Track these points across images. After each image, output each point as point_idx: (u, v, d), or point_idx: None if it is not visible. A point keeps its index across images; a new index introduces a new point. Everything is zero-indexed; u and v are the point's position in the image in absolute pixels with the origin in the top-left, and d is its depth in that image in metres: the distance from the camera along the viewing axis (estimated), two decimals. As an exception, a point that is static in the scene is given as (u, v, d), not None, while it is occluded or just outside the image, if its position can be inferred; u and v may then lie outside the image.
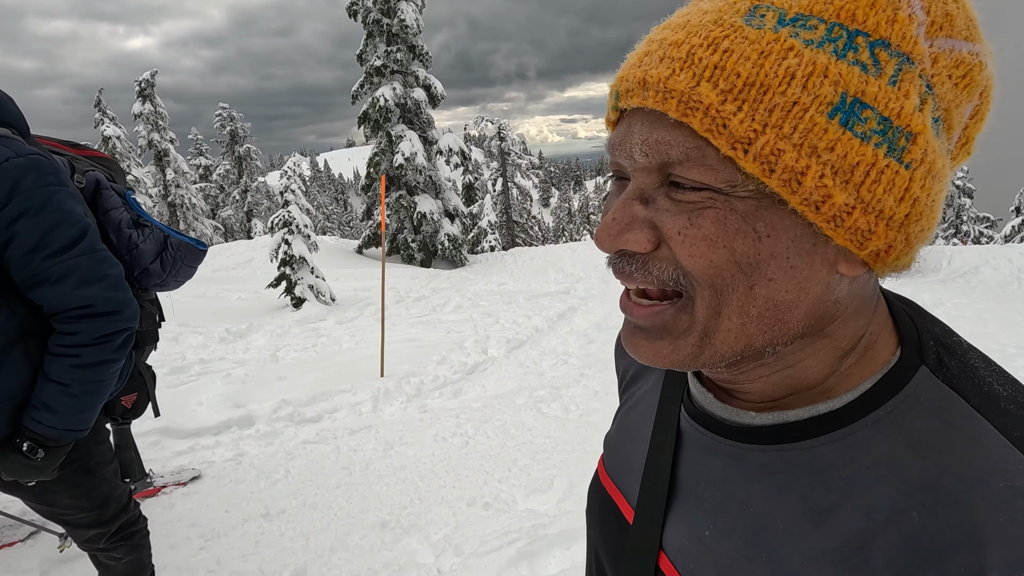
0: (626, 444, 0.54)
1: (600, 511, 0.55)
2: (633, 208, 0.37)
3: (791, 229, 0.34)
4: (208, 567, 2.33)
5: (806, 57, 0.32)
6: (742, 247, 0.34)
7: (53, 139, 1.59)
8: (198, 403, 4.04)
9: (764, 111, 0.32)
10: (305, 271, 8.13)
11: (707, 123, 0.33)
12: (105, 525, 1.57)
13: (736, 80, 0.32)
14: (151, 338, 1.67)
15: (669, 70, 0.34)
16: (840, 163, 0.32)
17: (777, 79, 0.32)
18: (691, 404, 0.47)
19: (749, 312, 0.35)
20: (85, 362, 1.28)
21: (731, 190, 0.34)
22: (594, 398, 4.18)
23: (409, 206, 13.75)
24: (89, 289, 1.26)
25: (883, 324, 0.40)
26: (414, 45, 13.78)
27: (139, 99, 21.44)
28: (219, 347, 5.69)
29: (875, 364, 0.39)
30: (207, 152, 28.88)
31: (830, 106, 0.32)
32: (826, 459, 0.37)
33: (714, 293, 0.35)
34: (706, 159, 0.34)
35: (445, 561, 2.38)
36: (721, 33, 0.34)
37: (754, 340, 0.37)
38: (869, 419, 0.37)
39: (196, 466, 3.21)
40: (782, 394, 0.40)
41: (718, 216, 0.34)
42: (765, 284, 0.35)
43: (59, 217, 1.24)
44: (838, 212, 0.33)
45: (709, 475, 0.43)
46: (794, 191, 0.32)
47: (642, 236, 0.37)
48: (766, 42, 0.33)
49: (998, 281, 8.14)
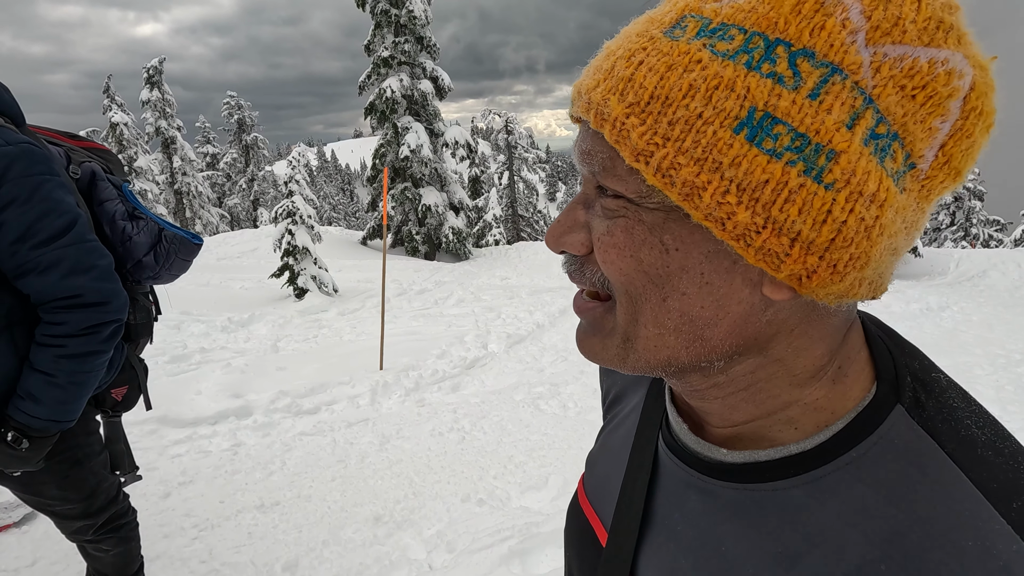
0: (605, 467, 0.53)
1: (576, 532, 0.54)
2: (575, 213, 0.39)
3: (703, 244, 0.33)
4: (201, 558, 2.34)
5: (711, 69, 0.31)
6: (649, 258, 0.34)
7: (51, 130, 1.58)
8: (197, 392, 4.05)
9: (667, 124, 0.31)
10: (308, 262, 8.13)
11: (614, 135, 0.33)
12: (93, 517, 1.56)
13: (642, 93, 0.32)
14: (145, 331, 1.66)
15: (594, 81, 0.35)
16: (746, 180, 0.30)
17: (680, 92, 0.31)
18: (668, 434, 0.46)
19: (665, 324, 0.35)
20: (71, 352, 1.27)
21: (640, 200, 0.34)
22: (593, 396, 4.16)
23: (414, 198, 13.73)
24: (77, 279, 1.25)
25: (855, 355, 0.38)
26: (422, 36, 13.71)
27: (147, 86, 21.47)
28: (220, 336, 5.70)
29: (848, 399, 0.37)
30: (214, 140, 28.93)
31: (736, 120, 0.30)
32: (797, 501, 0.36)
33: (629, 300, 0.36)
34: (616, 169, 0.34)
35: (437, 557, 2.38)
36: (639, 45, 0.34)
37: (677, 353, 0.36)
38: (841, 461, 0.35)
39: (193, 455, 3.22)
40: (743, 418, 0.39)
41: (627, 225, 0.35)
42: (678, 297, 0.34)
43: (48, 206, 1.23)
44: (745, 231, 0.31)
45: (683, 508, 0.42)
46: (696, 206, 0.31)
47: (576, 239, 0.38)
48: (676, 54, 0.32)
49: (1006, 286, 8.07)
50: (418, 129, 13.38)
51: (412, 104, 13.84)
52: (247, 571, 2.25)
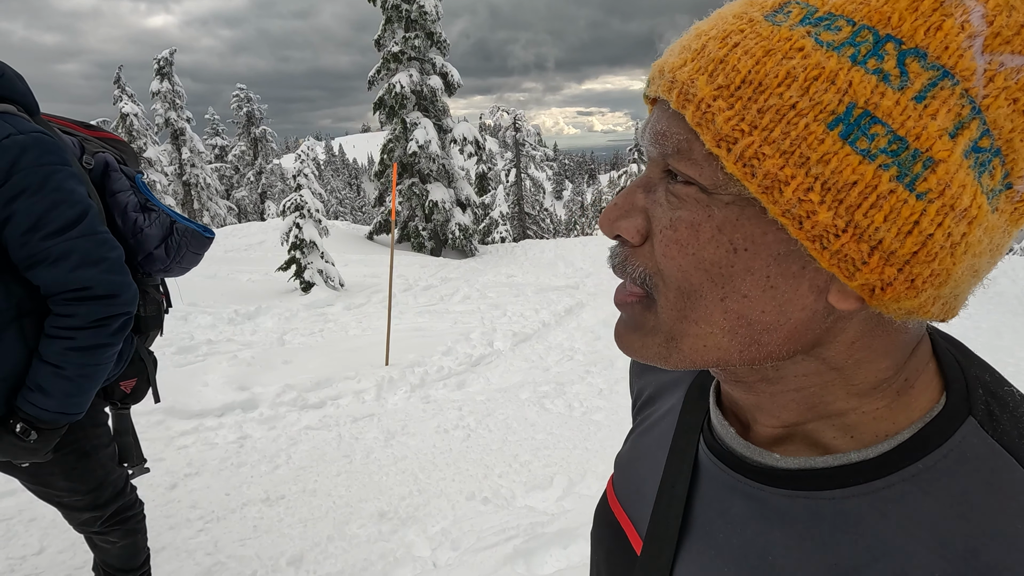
0: (638, 469, 0.52)
1: (606, 536, 0.52)
2: (635, 196, 0.37)
3: (774, 246, 0.32)
4: (206, 550, 2.34)
5: (813, 59, 0.29)
6: (713, 256, 0.33)
7: (66, 119, 1.57)
8: (204, 384, 4.06)
9: (756, 112, 0.30)
10: (315, 255, 8.14)
11: (697, 116, 0.31)
12: (100, 509, 1.56)
13: (734, 76, 0.31)
14: (155, 324, 1.66)
15: (682, 60, 0.33)
16: (833, 179, 0.29)
17: (776, 79, 0.30)
18: (711, 436, 0.44)
19: (720, 325, 0.34)
20: (80, 345, 1.26)
21: (715, 190, 0.32)
22: (598, 396, 4.15)
23: (421, 194, 13.72)
24: (87, 271, 1.24)
25: (923, 367, 0.36)
26: (432, 32, 13.68)
27: (157, 77, 21.53)
28: (227, 328, 5.72)
29: (913, 410, 0.35)
30: (223, 133, 29.01)
31: (832, 115, 0.29)
32: (856, 512, 0.34)
33: (680, 297, 0.35)
34: (692, 153, 0.33)
35: (441, 555, 2.37)
36: (736, 26, 0.32)
37: (728, 355, 0.35)
38: (907, 472, 0.33)
39: (199, 447, 3.23)
40: (794, 418, 0.37)
41: (693, 220, 0.33)
42: (738, 299, 0.33)
43: (59, 197, 1.22)
44: (823, 232, 0.29)
45: (726, 515, 0.40)
46: (775, 200, 0.30)
47: (632, 225, 0.37)
48: (776, 39, 0.30)
49: (1015, 293, 7.98)
50: (426, 125, 13.36)
51: (421, 100, 13.82)
52: (252, 564, 2.26)
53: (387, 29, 13.65)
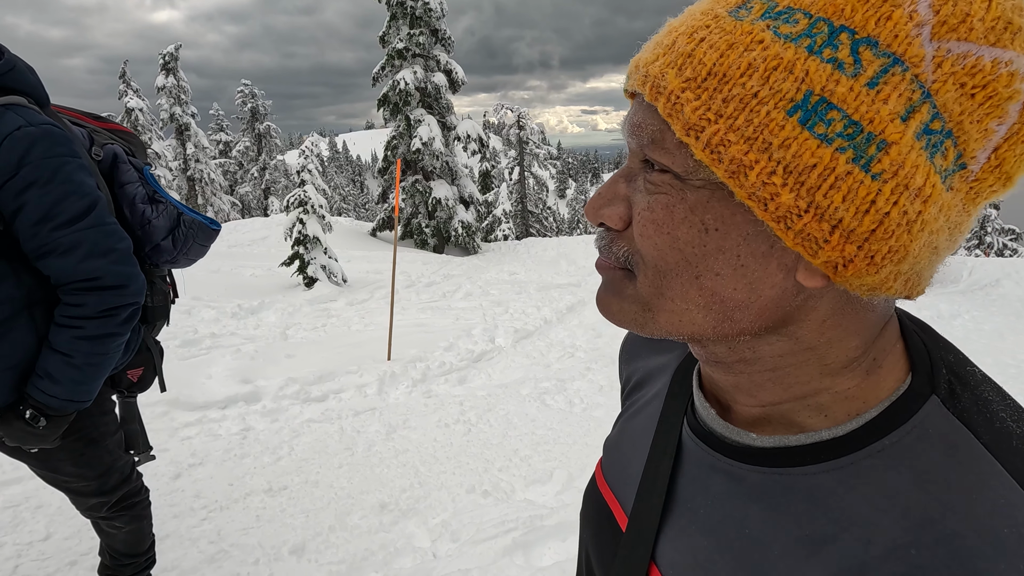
0: (625, 451, 0.54)
1: (594, 515, 0.54)
2: (617, 185, 0.39)
3: (743, 227, 0.34)
4: (210, 538, 2.37)
5: (772, 50, 0.31)
6: (686, 236, 0.35)
7: (76, 110, 1.60)
8: (207, 376, 4.10)
9: (720, 101, 0.32)
10: (318, 251, 8.18)
11: (668, 107, 0.33)
12: (107, 495, 1.59)
13: (700, 69, 0.33)
14: (162, 314, 1.69)
15: (653, 56, 0.35)
16: (794, 163, 0.31)
17: (739, 71, 0.32)
18: (694, 418, 0.46)
19: (695, 300, 0.36)
20: (89, 334, 1.29)
21: (687, 176, 0.34)
22: (599, 393, 4.17)
23: (424, 191, 13.75)
24: (96, 262, 1.27)
25: (891, 347, 0.38)
26: (437, 29, 13.69)
27: (163, 72, 21.60)
28: (231, 322, 5.75)
29: (881, 389, 0.37)
30: (227, 128, 29.07)
31: (791, 103, 0.30)
32: (826, 486, 0.36)
33: (657, 275, 0.37)
34: (665, 143, 0.35)
35: (441, 546, 2.40)
36: (703, 22, 0.34)
37: (703, 330, 0.37)
38: (873, 448, 0.35)
39: (203, 438, 3.26)
40: (770, 399, 0.39)
41: (668, 203, 0.35)
42: (711, 278, 0.35)
43: (68, 189, 1.25)
44: (786, 213, 0.31)
45: (707, 491, 0.42)
46: (741, 184, 0.32)
47: (615, 212, 0.39)
48: (739, 33, 0.32)
49: (1019, 295, 7.97)
50: (430, 122, 13.38)
51: (425, 97, 13.84)
52: (255, 553, 2.29)
53: (392, 26, 13.66)
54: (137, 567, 1.77)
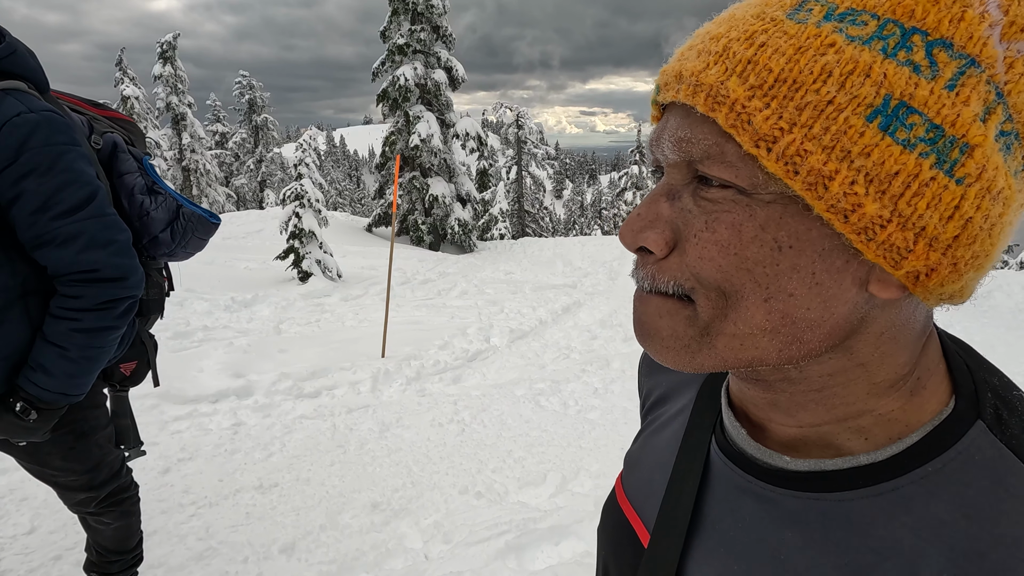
0: (648, 467, 0.52)
1: (614, 530, 0.53)
2: (658, 206, 0.36)
3: (818, 242, 0.32)
4: (198, 535, 2.34)
5: (847, 54, 0.30)
6: (756, 256, 0.32)
7: (75, 97, 1.57)
8: (199, 370, 4.06)
9: (794, 109, 0.30)
10: (313, 245, 8.13)
11: (731, 118, 0.31)
12: (96, 490, 1.56)
13: (767, 76, 0.31)
14: (156, 307, 1.65)
15: (703, 63, 0.33)
16: (876, 170, 0.29)
17: (812, 76, 0.30)
18: (723, 437, 0.45)
19: (761, 325, 0.33)
20: (85, 327, 1.26)
21: (754, 190, 0.32)
22: (593, 395, 4.16)
23: (422, 188, 13.70)
24: (95, 253, 1.24)
25: (934, 368, 0.37)
26: (438, 25, 13.65)
27: (160, 61, 21.41)
28: (223, 315, 5.71)
29: (923, 412, 0.36)
30: (224, 119, 28.88)
31: (869, 108, 0.29)
32: (865, 514, 0.34)
33: (720, 296, 0.34)
34: (726, 156, 0.32)
35: (433, 547, 2.38)
36: (760, 27, 0.32)
37: (766, 355, 0.34)
38: (916, 475, 0.34)
39: (193, 432, 3.22)
40: (811, 420, 0.37)
41: (734, 222, 0.33)
42: (784, 299, 0.32)
43: (68, 177, 1.22)
44: (869, 224, 0.30)
45: (736, 513, 0.41)
46: (820, 196, 0.30)
47: (659, 237, 0.35)
48: (805, 37, 0.31)
49: (1010, 307, 8.03)
50: (429, 119, 13.33)
51: (425, 93, 13.80)
52: (244, 551, 2.26)
53: (393, 21, 13.60)
54: (124, 564, 1.74)
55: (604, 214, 42.17)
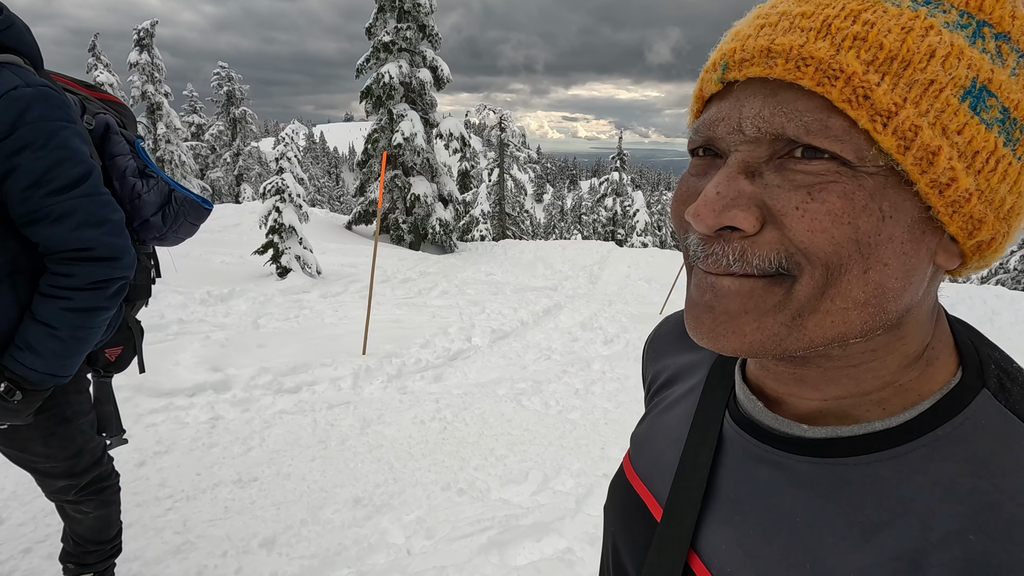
0: (658, 444, 0.53)
1: (624, 506, 0.54)
2: (738, 183, 0.35)
3: (910, 212, 0.33)
4: (175, 528, 2.29)
5: (946, 37, 0.32)
6: (866, 225, 0.33)
7: (67, 77, 1.53)
8: (175, 363, 3.97)
9: (904, 85, 0.32)
10: (293, 241, 8.02)
11: (847, 93, 0.32)
12: (76, 477, 1.53)
13: (879, 52, 0.32)
14: (144, 293, 1.63)
15: (803, 38, 0.33)
16: (966, 147, 0.32)
17: (919, 55, 0.32)
18: (737, 410, 0.46)
19: (856, 297, 0.34)
20: (76, 306, 1.24)
21: (859, 163, 0.32)
22: (574, 396, 4.20)
23: (403, 186, 13.62)
24: (89, 232, 1.22)
25: (944, 341, 0.39)
26: (425, 25, 13.61)
27: (136, 48, 20.87)
28: (199, 308, 5.59)
29: (934, 382, 0.38)
30: (201, 111, 28.26)
31: (962, 89, 0.32)
32: (881, 476, 0.36)
33: (825, 273, 0.33)
34: (831, 128, 0.32)
35: (416, 543, 2.38)
36: (860, 6, 0.33)
37: (851, 328, 0.35)
38: (927, 439, 0.36)
39: (170, 426, 3.16)
40: (838, 392, 0.39)
41: (845, 190, 0.33)
42: (880, 269, 0.33)
43: (64, 154, 1.20)
44: (959, 197, 0.33)
45: (751, 482, 0.42)
46: (924, 171, 0.32)
47: (749, 213, 0.34)
48: (907, 18, 0.32)
49: (971, 320, 8.35)
50: (413, 117, 13.28)
51: (409, 92, 13.74)
52: (223, 545, 2.22)
53: (379, 18, 13.52)
54: (102, 554, 1.70)
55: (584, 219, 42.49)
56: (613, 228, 27.63)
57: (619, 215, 27.70)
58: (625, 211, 27.62)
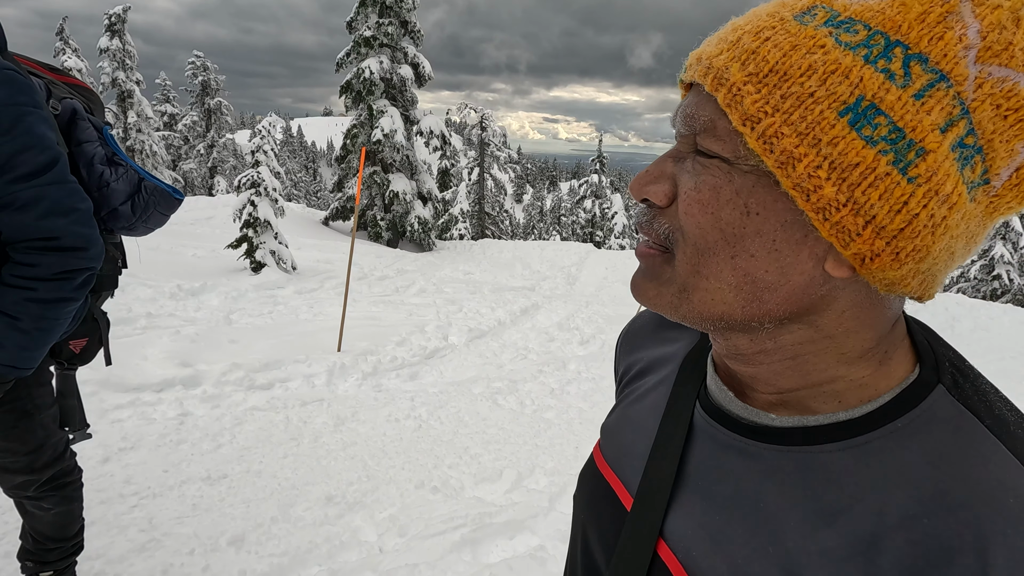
0: (628, 434, 0.55)
1: (593, 495, 0.55)
2: (665, 164, 0.41)
3: (782, 214, 0.36)
4: (140, 526, 2.24)
5: (832, 55, 0.34)
6: (729, 217, 0.37)
7: (32, 59, 1.49)
8: (142, 357, 3.88)
9: (779, 97, 0.34)
10: (268, 236, 7.89)
11: (728, 98, 0.36)
12: (36, 472, 1.48)
13: (763, 65, 0.35)
14: (110, 283, 1.59)
15: (718, 50, 0.38)
16: (839, 160, 0.33)
17: (799, 70, 0.34)
18: (707, 400, 0.48)
19: (727, 280, 0.38)
20: (41, 297, 1.20)
21: (735, 161, 0.37)
22: (550, 395, 4.22)
23: (382, 183, 13.50)
24: (56, 220, 1.19)
25: (900, 342, 0.41)
26: (407, 20, 13.51)
27: (107, 33, 20.25)
28: (168, 303, 5.46)
29: (891, 378, 0.40)
30: (174, 100, 27.57)
31: (843, 105, 0.33)
32: (841, 464, 0.38)
33: (696, 252, 0.39)
34: (717, 131, 0.37)
35: (388, 540, 2.36)
36: (769, 23, 0.37)
37: (732, 310, 0.39)
38: (886, 429, 0.38)
39: (136, 421, 3.08)
40: (789, 385, 0.42)
41: (716, 184, 0.38)
42: (746, 258, 0.37)
43: (29, 140, 1.16)
44: (827, 205, 0.34)
45: (720, 468, 0.44)
46: (788, 175, 0.34)
47: (660, 190, 0.41)
48: (802, 36, 0.35)
49: (935, 326, 8.63)
50: (394, 114, 13.17)
51: (390, 88, 13.62)
52: (190, 543, 2.18)
53: (361, 12, 13.37)
54: (63, 552, 1.65)
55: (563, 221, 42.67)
56: (591, 230, 27.82)
57: (598, 217, 27.91)
58: (604, 213, 27.84)
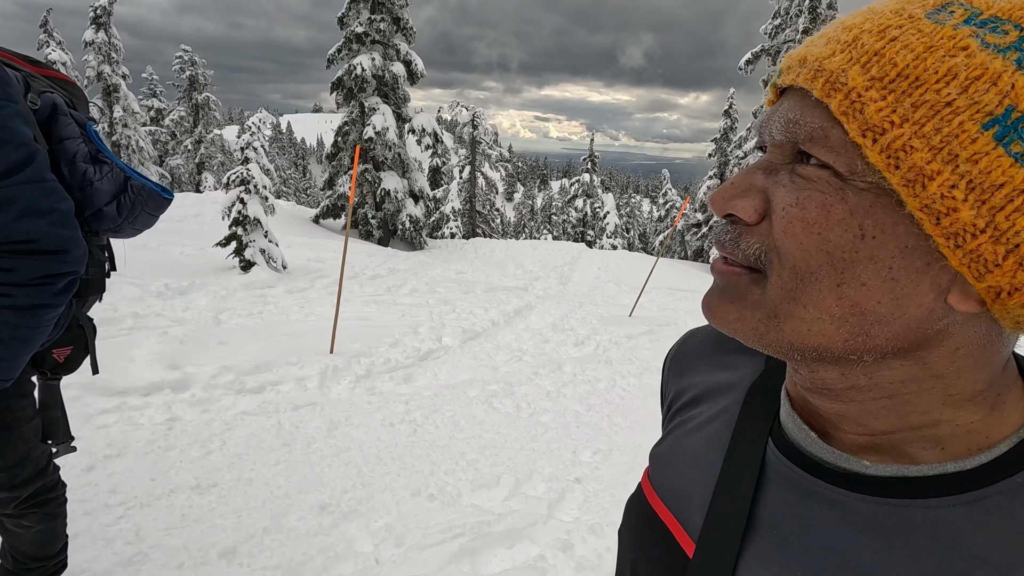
0: (683, 468, 0.50)
1: (644, 532, 0.50)
2: (753, 177, 0.37)
3: (903, 238, 0.31)
4: (126, 538, 2.16)
5: (978, 59, 0.29)
6: (839, 239, 0.32)
7: (9, 51, 1.40)
8: (129, 359, 3.77)
9: (910, 105, 0.30)
10: (258, 234, 7.76)
11: (845, 105, 0.31)
12: (17, 489, 1.41)
13: (890, 69, 0.31)
14: (96, 288, 1.51)
15: (829, 51, 0.33)
16: (981, 179, 0.29)
17: (935, 76, 0.30)
18: (781, 438, 0.43)
19: (830, 310, 0.33)
20: (18, 304, 1.12)
21: (850, 176, 0.32)
22: (546, 398, 4.17)
23: (374, 181, 13.39)
24: (33, 222, 1.11)
25: (1013, 383, 0.37)
26: (399, 17, 13.40)
27: (92, 26, 19.90)
28: (155, 302, 5.34)
29: (1006, 425, 0.36)
30: (161, 95, 27.18)
31: (988, 116, 0.29)
32: (953, 522, 0.34)
33: (794, 277, 0.34)
34: (829, 140, 0.33)
35: (384, 551, 2.30)
36: (895, 21, 0.32)
37: (832, 343, 0.34)
38: (1004, 484, 0.34)
39: (122, 427, 2.98)
40: (883, 427, 0.37)
41: (824, 202, 0.33)
42: (856, 287, 0.33)
43: (3, 136, 1.08)
44: (961, 230, 0.29)
45: (800, 517, 0.39)
46: (916, 194, 0.30)
47: (750, 204, 0.36)
48: (938, 37, 0.30)
49: None
50: (385, 111, 13.05)
51: (382, 85, 13.50)
52: (179, 556, 2.10)
53: (352, 8, 13.24)
54: (45, 571, 1.57)
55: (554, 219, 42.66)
56: (583, 229, 27.84)
57: (589, 216, 27.92)
58: (595, 213, 27.86)
